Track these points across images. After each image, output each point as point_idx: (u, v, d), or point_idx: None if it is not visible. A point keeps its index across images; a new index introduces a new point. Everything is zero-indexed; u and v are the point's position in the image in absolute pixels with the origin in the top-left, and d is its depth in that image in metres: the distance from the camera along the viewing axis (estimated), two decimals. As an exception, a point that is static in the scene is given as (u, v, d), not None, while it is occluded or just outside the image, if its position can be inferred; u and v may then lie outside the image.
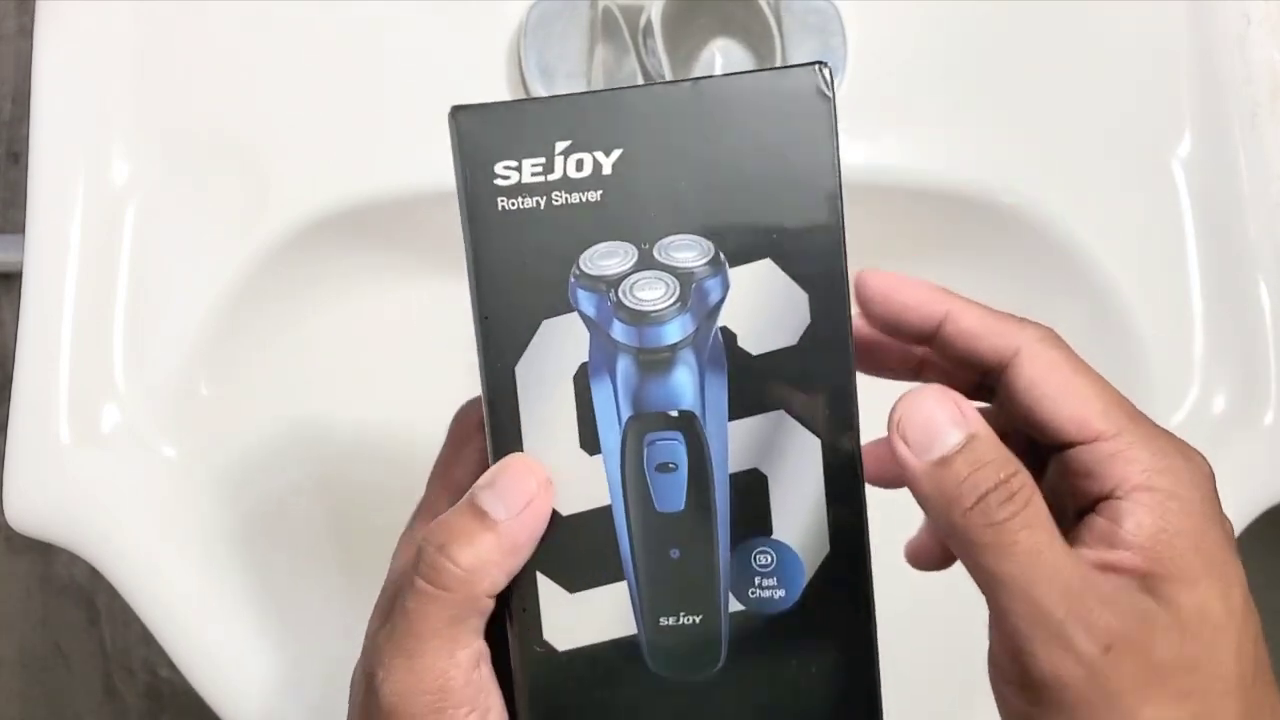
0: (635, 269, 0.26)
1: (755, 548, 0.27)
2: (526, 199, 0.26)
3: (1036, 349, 0.27)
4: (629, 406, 0.26)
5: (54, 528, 0.40)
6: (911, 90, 0.44)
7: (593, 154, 0.25)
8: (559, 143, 0.26)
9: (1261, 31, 0.46)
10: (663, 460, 0.26)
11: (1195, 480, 0.26)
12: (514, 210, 0.26)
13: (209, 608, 0.41)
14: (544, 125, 0.26)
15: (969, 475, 0.25)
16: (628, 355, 0.26)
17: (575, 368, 0.26)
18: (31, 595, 1.08)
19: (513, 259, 0.27)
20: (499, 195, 0.26)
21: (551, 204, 0.26)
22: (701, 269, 0.26)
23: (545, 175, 0.26)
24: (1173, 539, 0.25)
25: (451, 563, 0.26)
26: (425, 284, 0.49)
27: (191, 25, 0.42)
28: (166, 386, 0.41)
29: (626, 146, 0.25)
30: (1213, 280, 0.45)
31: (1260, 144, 0.45)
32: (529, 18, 0.42)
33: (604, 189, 0.26)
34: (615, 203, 0.26)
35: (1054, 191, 0.44)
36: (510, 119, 0.26)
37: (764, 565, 0.27)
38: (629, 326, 0.26)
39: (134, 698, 1.08)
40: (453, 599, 0.26)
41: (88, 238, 0.41)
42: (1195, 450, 0.27)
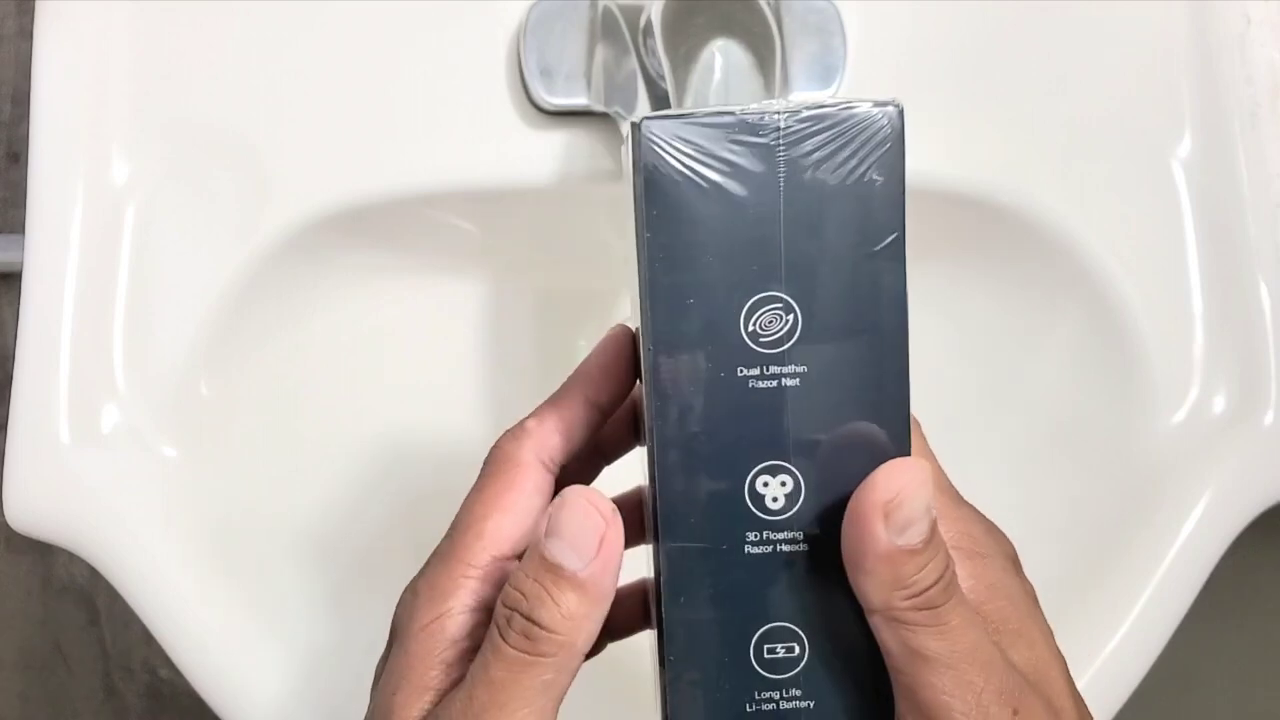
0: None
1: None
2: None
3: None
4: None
5: (54, 528, 0.40)
6: (911, 90, 0.44)
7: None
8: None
9: (1262, 31, 0.46)
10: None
11: (995, 546, 0.28)
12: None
13: (209, 608, 0.41)
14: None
15: (925, 567, 0.25)
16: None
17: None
18: (31, 595, 1.08)
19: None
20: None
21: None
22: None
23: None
24: (991, 591, 0.27)
25: (543, 628, 0.25)
26: (426, 284, 0.49)
27: (191, 25, 0.42)
28: (167, 386, 0.41)
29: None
30: (1213, 280, 0.45)
31: (1260, 144, 0.45)
32: (529, 17, 0.42)
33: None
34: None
35: (1053, 191, 0.44)
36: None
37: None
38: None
39: (134, 698, 1.08)
40: (550, 663, 0.25)
41: (88, 238, 0.41)
42: (996, 526, 0.29)
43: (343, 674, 0.42)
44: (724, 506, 0.26)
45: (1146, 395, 0.45)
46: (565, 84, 0.41)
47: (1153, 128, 0.45)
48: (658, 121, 0.25)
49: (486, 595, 0.28)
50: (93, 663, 1.08)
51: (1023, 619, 0.28)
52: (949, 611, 0.25)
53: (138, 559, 0.40)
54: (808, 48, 0.42)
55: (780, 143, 0.25)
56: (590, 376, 0.30)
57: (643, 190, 0.25)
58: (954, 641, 0.25)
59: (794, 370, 0.26)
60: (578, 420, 0.29)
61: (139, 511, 0.41)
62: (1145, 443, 0.45)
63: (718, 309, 0.26)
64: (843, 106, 0.25)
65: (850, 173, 0.25)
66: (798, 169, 0.25)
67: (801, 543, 0.26)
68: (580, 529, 0.25)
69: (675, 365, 0.26)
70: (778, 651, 0.27)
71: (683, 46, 0.37)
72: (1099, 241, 0.44)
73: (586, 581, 0.25)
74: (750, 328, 0.26)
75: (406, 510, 0.47)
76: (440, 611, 0.27)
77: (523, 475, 0.29)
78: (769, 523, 0.26)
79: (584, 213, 0.47)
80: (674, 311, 0.26)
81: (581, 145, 0.43)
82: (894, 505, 0.25)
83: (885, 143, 0.25)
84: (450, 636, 0.27)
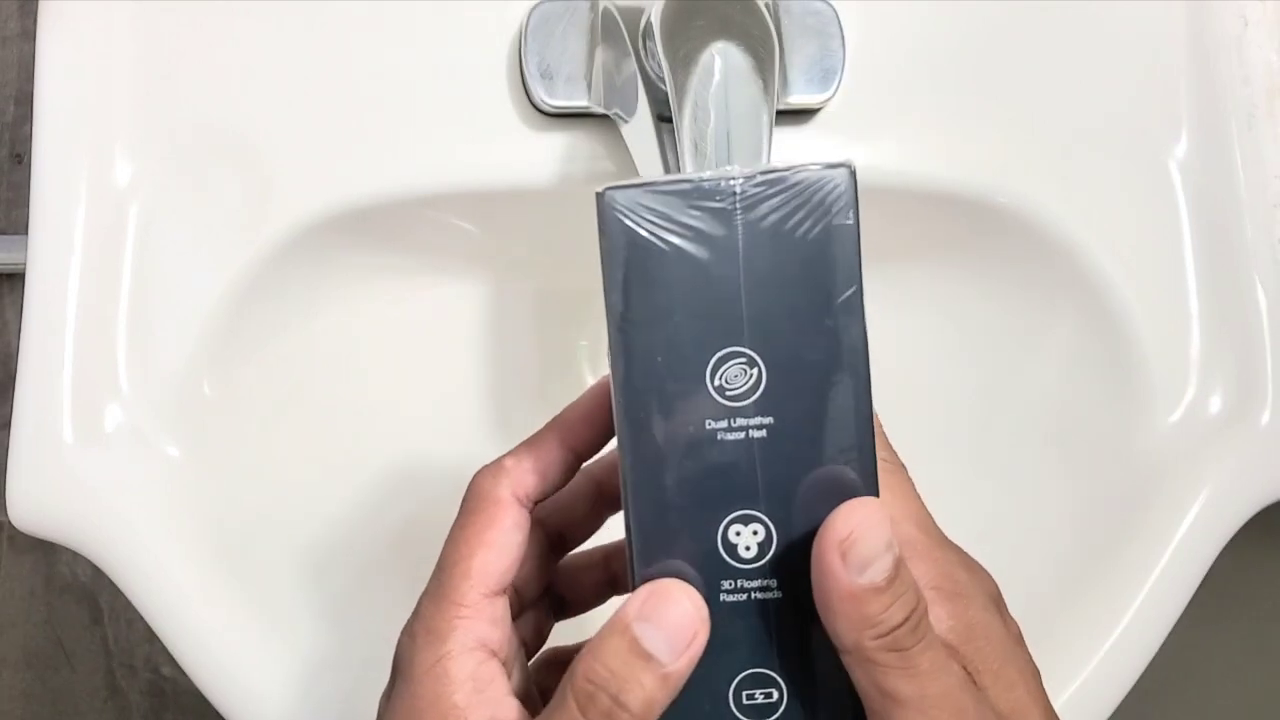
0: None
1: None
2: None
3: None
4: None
5: (57, 527, 0.41)
6: (910, 92, 0.45)
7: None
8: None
9: (1259, 33, 0.46)
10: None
11: (978, 586, 0.29)
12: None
13: (212, 606, 0.41)
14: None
15: (890, 606, 0.25)
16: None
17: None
18: (35, 594, 1.08)
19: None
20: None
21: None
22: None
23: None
24: (969, 632, 0.28)
25: (627, 712, 0.25)
26: (427, 284, 0.50)
27: (194, 26, 0.42)
28: (170, 386, 0.42)
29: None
30: (1209, 281, 0.45)
31: (1257, 145, 0.45)
32: (529, 20, 0.42)
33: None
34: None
35: (1051, 192, 0.45)
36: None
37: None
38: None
39: (137, 696, 1.08)
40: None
41: (91, 238, 0.41)
42: (979, 566, 0.30)
43: (344, 671, 0.42)
44: (698, 556, 0.27)
45: (1143, 395, 0.45)
46: (566, 86, 0.42)
47: (1150, 129, 0.45)
48: (621, 191, 0.26)
49: (481, 633, 0.29)
50: (96, 661, 1.08)
51: (1003, 660, 0.28)
52: (918, 654, 0.25)
53: (141, 558, 0.41)
54: (806, 50, 0.42)
55: (737, 207, 0.26)
56: (569, 423, 0.31)
57: (609, 255, 0.27)
58: (924, 685, 0.25)
59: (760, 421, 0.27)
60: (553, 462, 0.30)
61: (142, 510, 0.41)
62: (1142, 442, 0.45)
63: (685, 365, 0.27)
64: (796, 170, 0.26)
65: (807, 232, 0.26)
66: (755, 230, 0.26)
67: (775, 590, 0.27)
68: (677, 624, 0.26)
69: (646, 420, 0.27)
70: (756, 697, 0.28)
71: (682, 49, 0.37)
72: (1096, 242, 0.45)
73: (671, 674, 0.26)
74: (717, 382, 0.27)
75: (409, 509, 0.48)
76: (441, 654, 0.28)
77: (502, 512, 0.29)
78: (743, 571, 0.27)
79: (584, 214, 0.47)
80: (643, 369, 0.27)
81: (582, 147, 0.43)
82: (849, 544, 0.26)
83: (839, 201, 0.26)
84: (456, 678, 0.28)
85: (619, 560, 0.35)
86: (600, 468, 0.33)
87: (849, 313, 0.27)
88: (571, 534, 0.33)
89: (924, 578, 0.28)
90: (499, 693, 0.28)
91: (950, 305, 0.49)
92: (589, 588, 0.35)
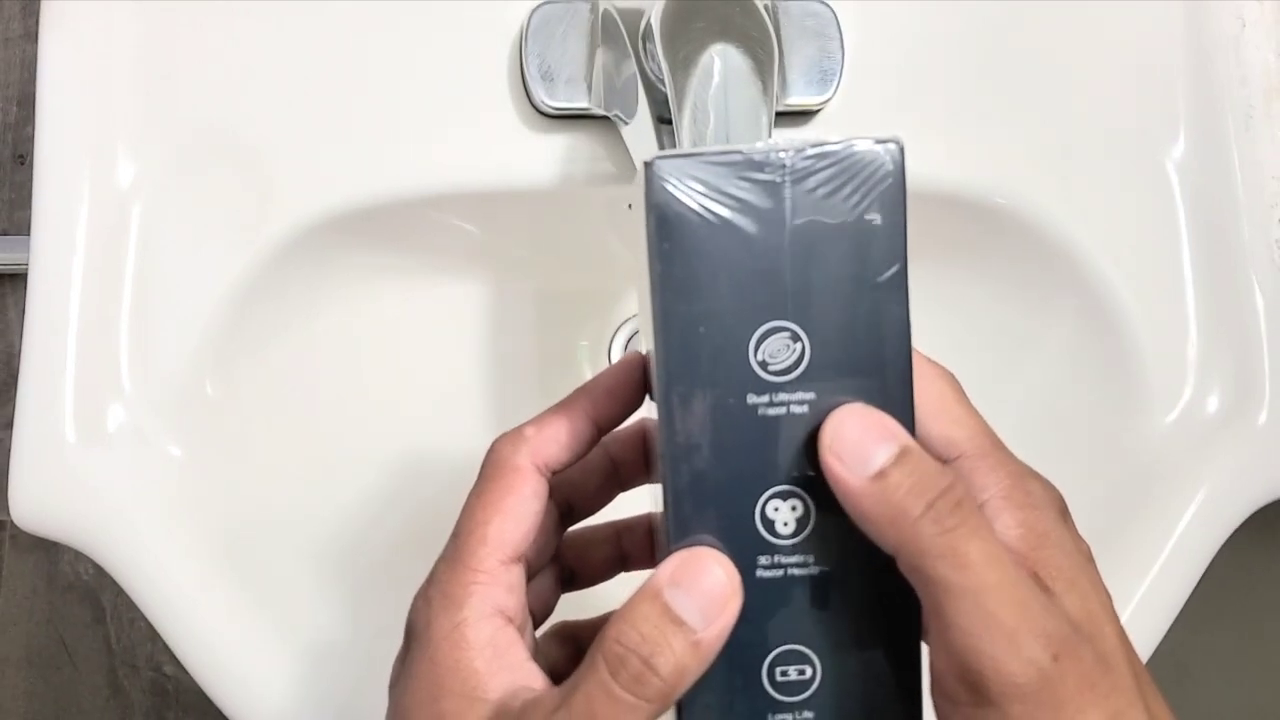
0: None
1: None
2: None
3: (930, 378, 0.29)
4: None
5: (60, 526, 0.41)
6: (908, 93, 0.45)
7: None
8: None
9: (1256, 34, 0.46)
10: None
11: (1048, 498, 0.28)
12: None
13: (214, 605, 0.41)
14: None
15: (910, 485, 0.25)
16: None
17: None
18: (37, 593, 1.08)
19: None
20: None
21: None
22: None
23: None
24: (1041, 540, 0.27)
25: (658, 677, 0.25)
26: (429, 284, 0.50)
27: (196, 27, 0.42)
28: (172, 386, 0.42)
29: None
30: (1207, 281, 0.45)
31: (1254, 145, 0.45)
32: (530, 21, 0.42)
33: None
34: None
35: (1049, 193, 0.45)
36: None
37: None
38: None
39: (139, 694, 1.08)
40: (648, 710, 0.25)
41: (93, 238, 0.41)
42: (1046, 479, 0.29)
43: (348, 670, 0.42)
44: (735, 531, 0.27)
45: (1141, 395, 0.45)
46: (566, 87, 0.42)
47: (1148, 129, 0.45)
48: (668, 160, 0.26)
49: (498, 599, 0.28)
50: (98, 660, 1.08)
51: (1075, 570, 0.27)
52: (965, 540, 0.25)
53: (143, 557, 0.41)
54: (805, 51, 0.42)
55: (786, 179, 0.26)
56: (593, 395, 0.31)
57: (654, 226, 0.26)
58: (979, 575, 0.24)
59: (802, 397, 0.26)
60: (576, 432, 0.30)
61: (144, 510, 0.41)
62: (1139, 442, 0.45)
63: (728, 339, 0.26)
64: (846, 144, 0.26)
65: (854, 207, 0.26)
66: (803, 204, 0.26)
67: (813, 566, 0.27)
68: (709, 591, 0.26)
69: (687, 393, 0.26)
70: (790, 674, 0.27)
71: (682, 50, 0.37)
72: (1094, 242, 0.45)
73: (702, 642, 0.26)
74: (759, 357, 0.26)
75: (411, 508, 0.48)
76: (459, 620, 0.28)
77: (520, 480, 0.29)
78: (780, 547, 0.27)
79: (584, 215, 0.48)
80: (685, 341, 0.26)
81: (582, 148, 0.43)
82: (836, 442, 0.26)
83: (887, 178, 0.26)
84: (475, 644, 0.28)
85: (630, 536, 0.34)
86: (617, 444, 0.33)
87: (894, 289, 0.26)
88: (580, 506, 0.33)
89: (994, 487, 0.27)
90: (518, 658, 0.28)
91: (948, 305, 0.49)
92: (599, 562, 0.34)
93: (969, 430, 0.28)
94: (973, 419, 0.29)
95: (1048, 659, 0.24)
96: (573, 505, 0.33)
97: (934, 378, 0.29)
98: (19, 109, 1.09)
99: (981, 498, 0.27)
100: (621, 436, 0.33)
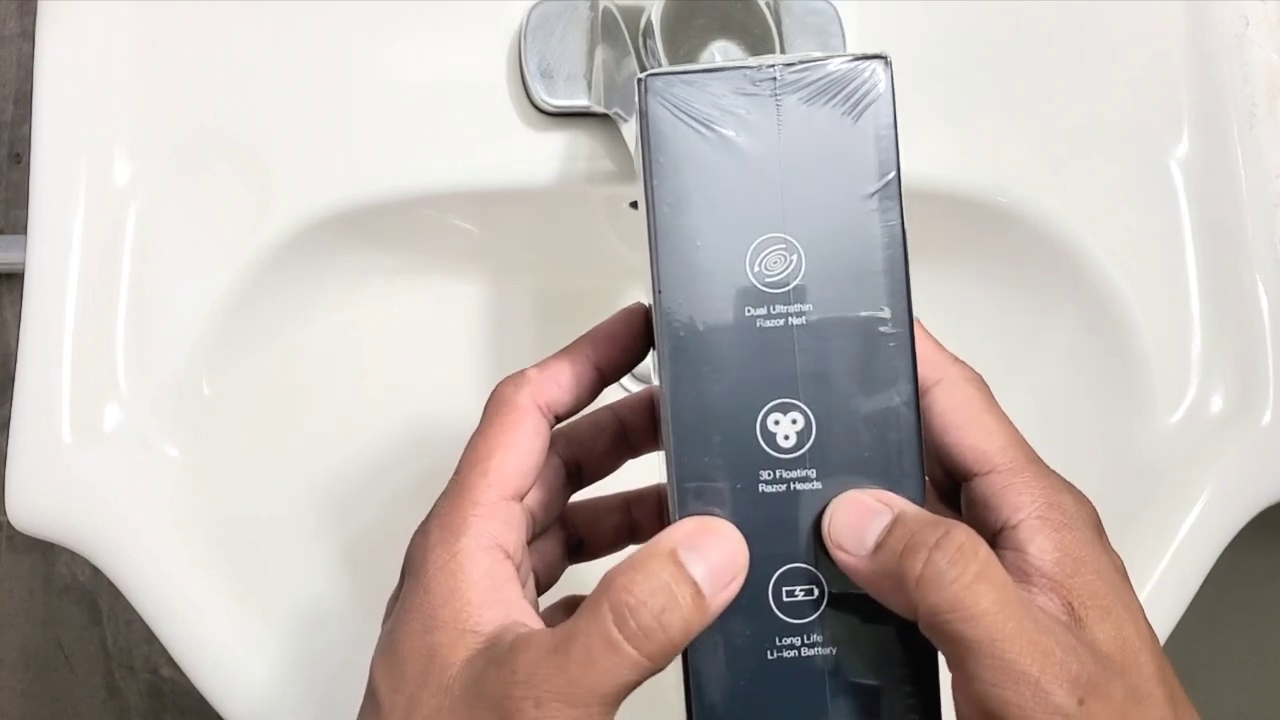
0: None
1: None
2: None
3: (957, 383, 0.29)
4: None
5: (56, 527, 0.41)
6: (910, 91, 0.44)
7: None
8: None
9: (1260, 33, 0.46)
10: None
11: (1083, 515, 0.28)
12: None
13: (211, 607, 0.41)
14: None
15: (904, 547, 0.25)
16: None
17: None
18: (34, 594, 1.08)
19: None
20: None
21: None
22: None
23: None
24: (1077, 565, 0.26)
25: (666, 633, 0.25)
26: (427, 284, 0.50)
27: (193, 26, 0.42)
28: (169, 386, 0.42)
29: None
30: (1210, 280, 0.45)
31: (1258, 144, 0.45)
32: (529, 19, 0.42)
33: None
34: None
35: (1052, 192, 0.45)
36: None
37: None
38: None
39: (136, 696, 1.08)
40: (649, 666, 0.25)
41: (90, 238, 0.41)
42: (1081, 492, 0.28)
43: (345, 671, 0.42)
44: (736, 445, 0.27)
45: (1144, 395, 0.45)
46: (566, 85, 0.42)
47: (1151, 128, 0.45)
48: (660, 76, 0.26)
49: (496, 533, 0.28)
50: (94, 661, 1.08)
51: (1110, 595, 0.26)
52: (973, 587, 0.24)
53: (139, 558, 0.41)
54: (806, 49, 0.42)
55: (777, 93, 0.26)
56: (596, 340, 0.31)
57: (648, 139, 0.26)
58: (991, 626, 0.24)
59: (800, 309, 0.27)
60: (577, 374, 0.30)
61: (141, 511, 0.41)
62: (1143, 442, 0.45)
63: (723, 251, 0.26)
64: (835, 58, 0.27)
65: (845, 119, 0.27)
66: (794, 117, 0.26)
67: (814, 480, 0.27)
68: (720, 561, 0.26)
69: (684, 306, 0.26)
70: (796, 595, 0.27)
71: (683, 48, 0.37)
72: (1097, 242, 0.45)
73: (709, 606, 0.25)
74: (756, 268, 0.27)
75: (407, 509, 0.47)
76: (455, 550, 0.27)
77: (521, 417, 0.29)
78: (782, 461, 0.27)
79: (584, 213, 0.47)
80: (681, 254, 0.26)
81: (582, 146, 0.43)
82: (835, 532, 0.26)
83: (876, 90, 0.27)
84: (471, 575, 0.27)
85: (641, 507, 0.34)
86: (625, 407, 0.33)
87: (887, 198, 0.27)
88: (589, 468, 0.33)
89: (1029, 506, 0.27)
90: (514, 594, 0.28)
91: (951, 305, 0.49)
92: (608, 531, 0.34)
93: (1001, 441, 0.28)
94: (1004, 428, 0.28)
95: (1074, 704, 0.24)
96: (581, 465, 0.33)
97: (962, 382, 0.29)
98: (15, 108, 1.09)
99: (1016, 518, 0.27)
100: (630, 401, 0.33)
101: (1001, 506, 0.27)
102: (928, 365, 0.28)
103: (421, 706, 0.26)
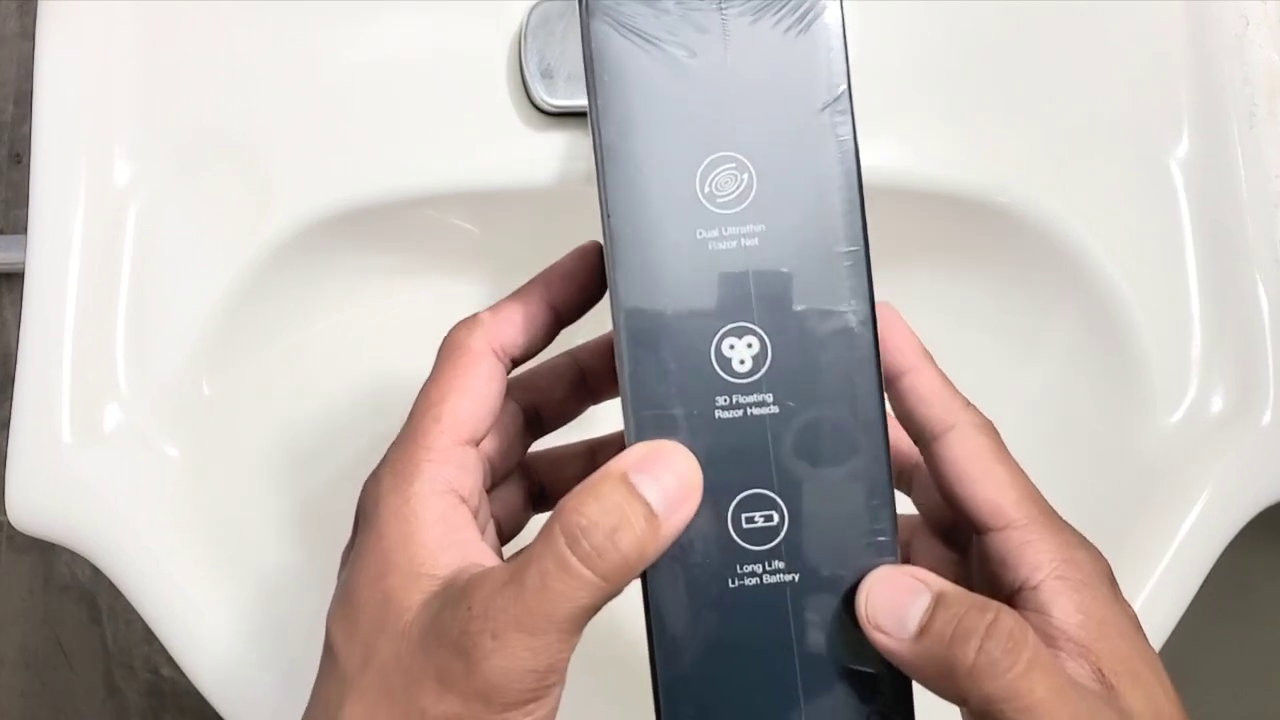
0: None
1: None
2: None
3: (969, 431, 0.28)
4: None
5: (56, 527, 0.41)
6: (909, 91, 0.45)
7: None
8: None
9: (1260, 33, 0.46)
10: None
11: (1099, 571, 0.27)
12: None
13: (211, 606, 0.41)
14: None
15: (954, 632, 0.25)
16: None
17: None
18: (33, 594, 1.08)
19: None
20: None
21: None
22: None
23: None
24: (1101, 627, 0.26)
25: (619, 551, 0.24)
26: (427, 284, 0.50)
27: (193, 27, 0.42)
28: (169, 386, 0.42)
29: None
30: (1210, 280, 0.45)
31: (1258, 144, 0.45)
32: (529, 19, 0.42)
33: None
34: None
35: (1052, 192, 0.45)
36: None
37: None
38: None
39: (135, 696, 1.08)
40: (605, 588, 0.25)
41: (90, 238, 0.41)
42: (1093, 545, 0.28)
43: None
44: (691, 371, 0.26)
45: (1144, 395, 0.45)
46: (566, 85, 0.42)
47: (1151, 128, 0.45)
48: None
49: (450, 477, 0.27)
50: (94, 661, 1.08)
51: (1136, 657, 0.26)
52: (1026, 680, 0.24)
53: (139, 558, 0.41)
54: None
55: (722, 6, 0.26)
56: (549, 280, 0.30)
57: (592, 58, 0.26)
58: (1046, 716, 0.24)
59: (752, 230, 0.26)
60: (531, 315, 0.29)
61: (141, 511, 0.41)
62: (1143, 442, 0.45)
63: (672, 171, 0.26)
64: None
65: (793, 32, 0.26)
66: (741, 31, 0.26)
67: (770, 405, 0.26)
68: (673, 483, 0.25)
69: (634, 230, 0.26)
70: (756, 520, 0.26)
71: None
72: (1097, 242, 0.45)
73: (663, 527, 0.25)
74: (706, 189, 0.26)
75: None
76: (408, 495, 0.27)
77: (474, 360, 0.28)
78: (738, 386, 0.26)
79: (584, 213, 0.47)
80: (629, 176, 0.26)
81: (582, 146, 0.43)
82: (872, 612, 0.26)
83: (822, 1, 0.26)
84: (425, 519, 0.27)
85: (605, 454, 0.33)
86: (585, 352, 0.32)
87: (839, 113, 0.26)
88: (549, 414, 0.32)
89: (1047, 565, 0.27)
90: (470, 537, 0.27)
91: (951, 305, 0.48)
92: (572, 479, 0.33)
93: (1015, 495, 0.28)
94: (1017, 480, 0.28)
95: None
96: (540, 411, 0.32)
97: (974, 430, 0.28)
98: (15, 108, 1.09)
99: (1036, 578, 0.26)
100: (590, 346, 0.32)
101: (1019, 565, 0.27)
102: (940, 408, 0.28)
103: (379, 653, 0.26)
